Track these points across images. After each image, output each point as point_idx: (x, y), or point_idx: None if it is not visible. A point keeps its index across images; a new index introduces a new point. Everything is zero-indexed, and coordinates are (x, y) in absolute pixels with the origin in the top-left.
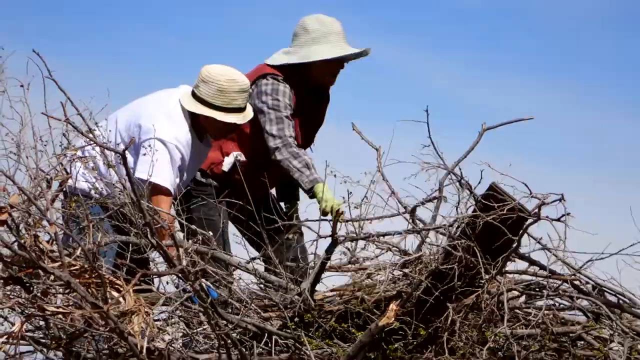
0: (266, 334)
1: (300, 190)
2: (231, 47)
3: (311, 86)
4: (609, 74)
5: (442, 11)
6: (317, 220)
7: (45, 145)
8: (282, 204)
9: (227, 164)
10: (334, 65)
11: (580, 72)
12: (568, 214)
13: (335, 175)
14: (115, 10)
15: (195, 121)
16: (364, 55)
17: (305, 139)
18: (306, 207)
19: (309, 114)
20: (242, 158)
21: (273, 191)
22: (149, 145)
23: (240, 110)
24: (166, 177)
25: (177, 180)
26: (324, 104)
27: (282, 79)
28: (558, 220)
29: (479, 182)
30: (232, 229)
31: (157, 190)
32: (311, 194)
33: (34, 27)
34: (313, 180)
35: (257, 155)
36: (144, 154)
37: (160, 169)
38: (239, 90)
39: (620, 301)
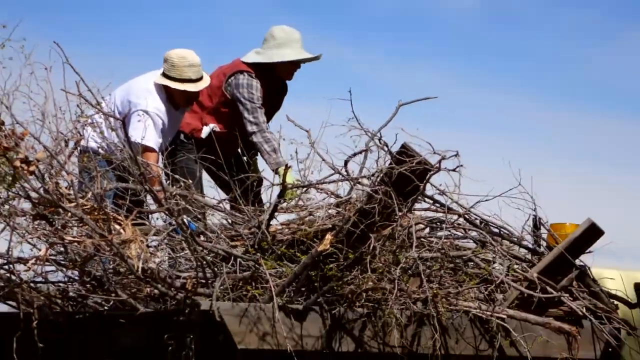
0: (232, 258)
1: None
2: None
3: (274, 80)
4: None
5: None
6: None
7: (63, 114)
8: (245, 158)
9: (205, 132)
10: (293, 66)
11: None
12: (461, 166)
13: (284, 139)
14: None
15: (168, 94)
16: (317, 59)
17: (267, 119)
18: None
19: (271, 101)
20: (217, 129)
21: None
22: (138, 115)
23: (192, 81)
24: (152, 139)
25: (160, 140)
26: (283, 94)
27: (255, 76)
28: (454, 170)
29: (394, 143)
30: (207, 177)
31: (146, 149)
32: (275, 172)
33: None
34: (278, 163)
35: (231, 129)
36: (138, 121)
37: (147, 133)
38: (189, 65)
39: (501, 232)
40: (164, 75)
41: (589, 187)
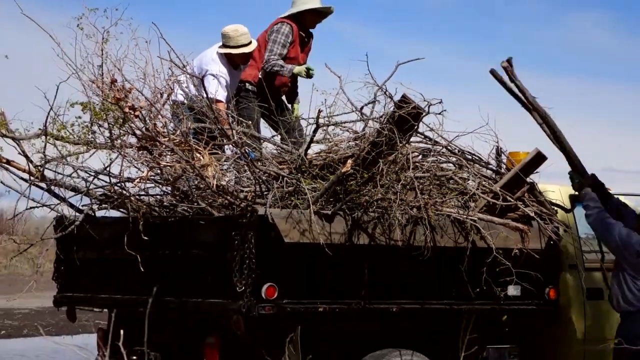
0: (280, 177)
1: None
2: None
3: (304, 28)
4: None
5: None
6: (312, 118)
7: (159, 74)
8: (289, 105)
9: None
10: (314, 17)
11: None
12: (444, 110)
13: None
14: None
15: (229, 59)
16: (330, 11)
17: (304, 56)
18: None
19: (303, 43)
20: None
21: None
22: (210, 76)
23: (245, 45)
24: (220, 94)
25: (226, 93)
26: (311, 38)
27: (286, 25)
28: (439, 113)
29: (395, 94)
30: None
31: (217, 101)
32: (293, 75)
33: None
34: (290, 69)
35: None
36: (212, 80)
37: (217, 89)
38: (240, 35)
39: (473, 158)
40: (224, 45)
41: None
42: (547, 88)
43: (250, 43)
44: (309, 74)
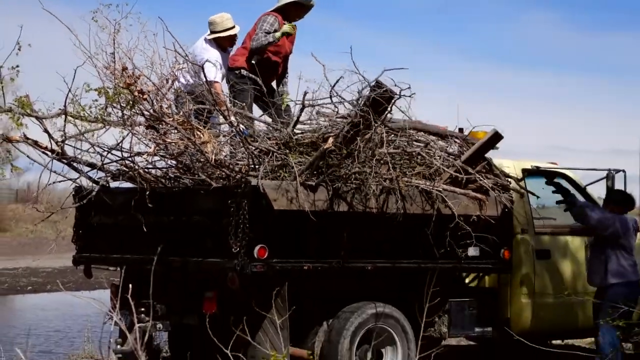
0: (270, 152)
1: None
2: None
3: (288, 19)
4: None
5: None
6: (298, 101)
7: (165, 62)
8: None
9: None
10: (297, 11)
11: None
12: (414, 93)
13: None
14: None
15: (218, 42)
16: (312, 5)
17: (290, 45)
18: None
19: (288, 40)
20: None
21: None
22: (207, 62)
23: (230, 29)
24: (218, 77)
25: (221, 75)
26: (294, 36)
27: (272, 16)
28: (410, 96)
29: (375, 80)
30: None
31: (215, 83)
32: (279, 39)
33: None
34: (276, 35)
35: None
36: (209, 66)
37: (215, 74)
38: (225, 19)
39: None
40: (212, 32)
41: (500, 110)
42: (505, 79)
43: (234, 27)
44: (293, 28)
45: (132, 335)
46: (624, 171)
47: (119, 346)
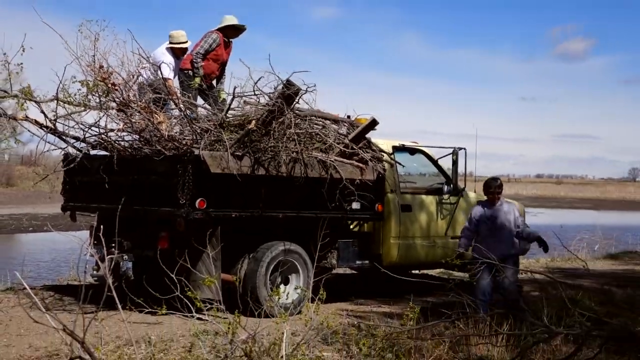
0: (209, 131)
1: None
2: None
3: (227, 37)
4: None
5: None
6: (230, 94)
7: (131, 62)
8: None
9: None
10: (233, 31)
11: None
12: (315, 89)
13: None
14: None
15: (173, 51)
16: (245, 29)
17: (227, 55)
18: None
19: (226, 46)
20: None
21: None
22: (163, 64)
23: (183, 43)
24: (171, 75)
25: (173, 74)
26: (230, 45)
27: (215, 34)
28: (313, 91)
29: (287, 79)
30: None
31: (169, 79)
32: (222, 65)
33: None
34: (198, 73)
35: (209, 69)
36: (165, 67)
37: (168, 73)
38: (180, 36)
39: (332, 120)
40: (171, 43)
41: (380, 104)
42: (386, 83)
43: (186, 42)
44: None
45: (104, 264)
46: (465, 149)
47: (95, 272)
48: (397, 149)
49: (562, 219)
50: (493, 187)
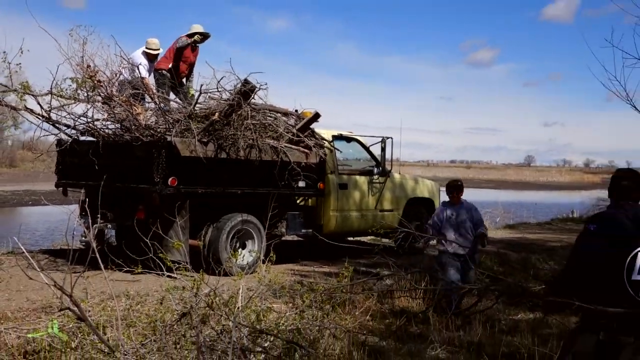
0: (180, 121)
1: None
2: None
3: (194, 42)
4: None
5: None
6: (197, 90)
7: (114, 63)
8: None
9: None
10: (201, 37)
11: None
12: (268, 87)
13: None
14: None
15: (147, 55)
16: (209, 36)
17: (194, 57)
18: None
19: (193, 51)
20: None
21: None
22: (140, 65)
23: (155, 50)
24: (146, 75)
25: (148, 75)
26: (197, 48)
27: (185, 38)
28: (266, 89)
29: (245, 79)
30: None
31: (144, 78)
32: (190, 66)
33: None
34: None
35: (180, 69)
36: (141, 67)
37: (144, 73)
38: (154, 44)
39: (282, 113)
40: (147, 48)
41: (323, 101)
42: (330, 84)
43: (158, 49)
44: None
45: (90, 231)
46: (391, 138)
47: (83, 238)
48: (336, 137)
49: (470, 197)
50: (455, 188)
